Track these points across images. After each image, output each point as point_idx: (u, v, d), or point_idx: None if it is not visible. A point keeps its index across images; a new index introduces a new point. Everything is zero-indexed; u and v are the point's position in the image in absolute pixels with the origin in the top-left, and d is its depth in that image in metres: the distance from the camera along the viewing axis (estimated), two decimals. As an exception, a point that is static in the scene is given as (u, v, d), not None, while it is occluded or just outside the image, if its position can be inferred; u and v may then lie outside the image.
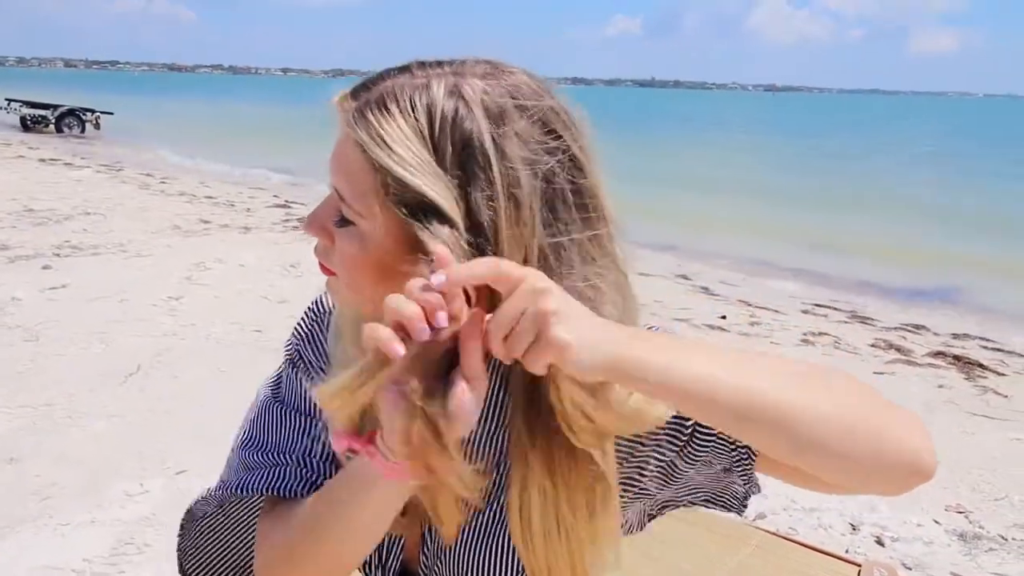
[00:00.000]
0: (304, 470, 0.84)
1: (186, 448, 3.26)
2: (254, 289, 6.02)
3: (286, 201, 11.10)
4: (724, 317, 6.23)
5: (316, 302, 0.94)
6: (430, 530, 0.85)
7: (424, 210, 0.65)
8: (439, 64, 0.70)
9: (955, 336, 6.24)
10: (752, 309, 6.59)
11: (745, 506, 0.86)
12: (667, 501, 0.87)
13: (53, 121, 21.49)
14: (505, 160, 0.66)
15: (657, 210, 10.08)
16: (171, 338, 4.72)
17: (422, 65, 0.70)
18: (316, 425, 0.86)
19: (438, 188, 0.65)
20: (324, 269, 0.76)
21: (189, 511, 0.95)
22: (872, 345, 5.74)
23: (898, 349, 5.67)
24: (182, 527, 0.97)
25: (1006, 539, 3.07)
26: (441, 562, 0.86)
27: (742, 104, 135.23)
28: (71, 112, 22.12)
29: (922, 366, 5.31)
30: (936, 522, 3.16)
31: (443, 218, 0.65)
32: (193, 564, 0.99)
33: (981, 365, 5.39)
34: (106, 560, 2.43)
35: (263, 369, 0.96)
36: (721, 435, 0.79)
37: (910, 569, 2.82)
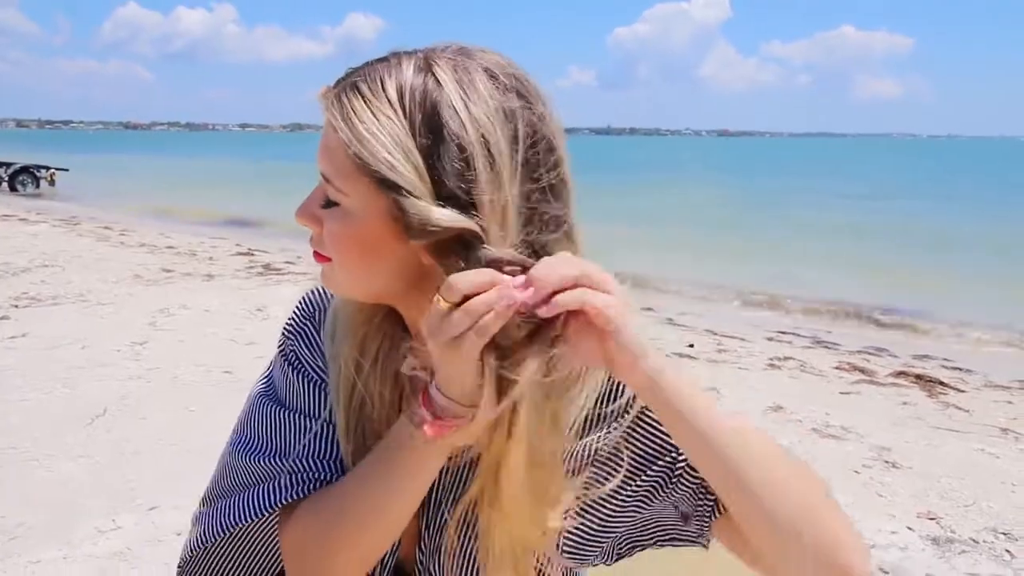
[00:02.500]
0: (311, 471, 0.84)
1: (158, 485, 3.19)
2: (220, 333, 5.95)
3: (249, 249, 11.03)
4: (692, 345, 6.31)
5: (304, 300, 0.95)
6: (427, 527, 0.86)
7: (392, 183, 0.68)
8: (414, 51, 0.74)
9: (915, 357, 6.40)
10: (719, 338, 6.69)
11: (709, 539, 0.87)
12: (634, 538, 0.89)
13: (6, 179, 21.17)
14: (476, 127, 0.68)
15: (615, 247, 10.22)
16: (137, 381, 4.63)
17: (397, 53, 0.74)
18: (316, 423, 0.87)
19: (402, 162, 0.68)
20: (318, 256, 0.79)
21: (189, 547, 0.92)
22: (836, 367, 5.86)
23: (861, 370, 5.79)
24: (181, 567, 0.95)
25: (977, 542, 3.12)
26: (437, 559, 0.86)
27: (696, 149, 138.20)
28: (25, 169, 21.82)
29: (886, 385, 5.43)
30: (909, 529, 3.21)
31: (407, 190, 0.67)
32: None
33: (942, 383, 5.52)
34: (80, 595, 2.37)
35: (235, 408, 0.95)
36: (701, 484, 0.82)
37: (887, 573, 2.86)
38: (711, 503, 0.82)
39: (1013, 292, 9.28)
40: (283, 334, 0.94)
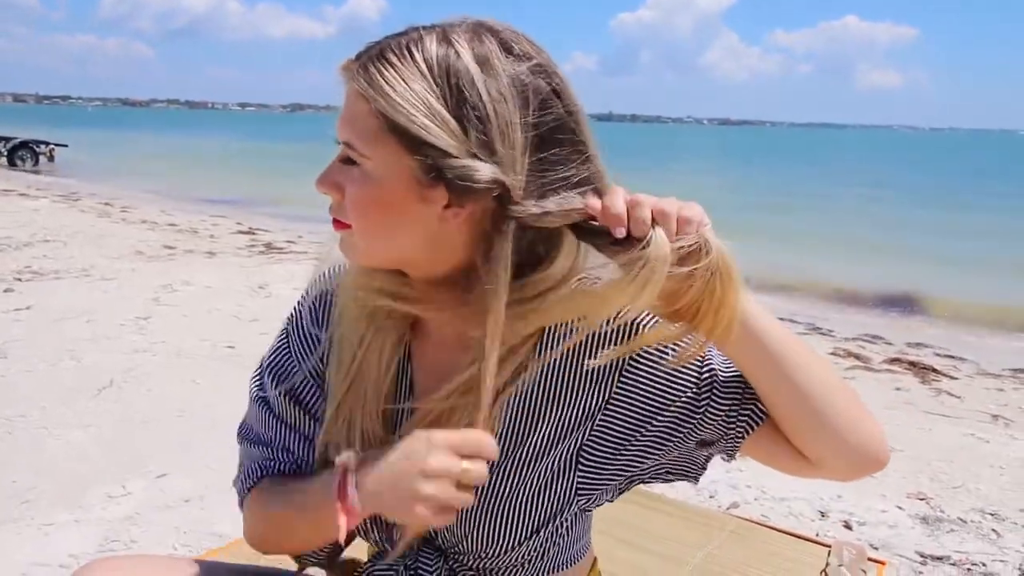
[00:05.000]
0: (269, 461, 0.94)
1: (166, 453, 3.26)
2: (223, 309, 6.01)
3: (250, 228, 11.07)
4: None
5: (318, 276, 1.00)
6: None
7: (424, 144, 0.73)
8: (432, 25, 0.79)
9: (910, 345, 6.47)
10: (715, 322, 6.75)
11: (704, 470, 0.93)
12: (643, 476, 0.91)
13: (5, 154, 21.12)
14: (494, 96, 0.73)
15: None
16: (142, 354, 4.69)
17: (415, 28, 0.79)
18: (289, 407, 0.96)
19: (441, 124, 0.73)
20: (337, 224, 0.82)
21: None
22: (832, 353, 5.93)
23: (857, 357, 5.86)
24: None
25: (965, 521, 3.20)
26: (449, 526, 0.89)
27: (698, 137, 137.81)
28: (24, 144, 21.77)
29: (880, 372, 5.50)
30: (899, 508, 3.29)
31: (441, 151, 0.73)
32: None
33: (935, 370, 5.60)
34: (93, 556, 2.43)
35: (239, 382, 1.01)
36: (730, 411, 0.87)
37: (877, 549, 2.93)
38: (743, 426, 0.86)
39: (1008, 282, 9.37)
40: (287, 320, 1.01)
